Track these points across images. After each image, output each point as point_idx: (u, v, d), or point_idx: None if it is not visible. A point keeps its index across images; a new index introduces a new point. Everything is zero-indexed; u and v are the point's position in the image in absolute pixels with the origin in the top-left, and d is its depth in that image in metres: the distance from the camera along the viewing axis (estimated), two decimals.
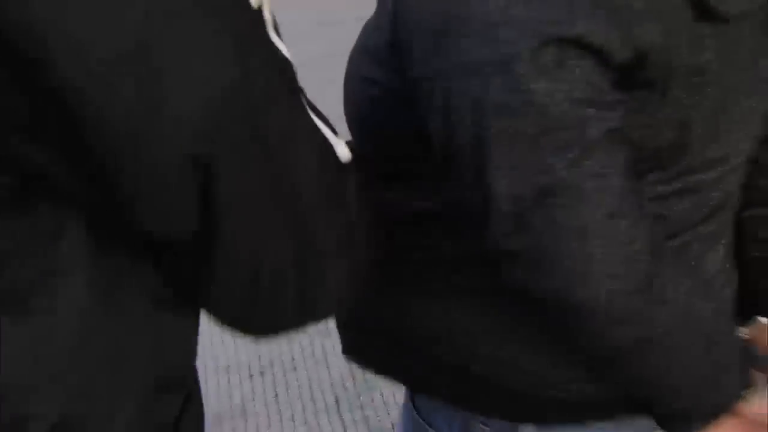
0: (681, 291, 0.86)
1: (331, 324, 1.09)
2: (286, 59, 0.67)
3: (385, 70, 0.93)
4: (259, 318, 0.73)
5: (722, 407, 0.92)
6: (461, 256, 0.96)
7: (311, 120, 0.68)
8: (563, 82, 0.78)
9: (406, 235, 0.98)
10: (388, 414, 2.59)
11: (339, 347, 3.08)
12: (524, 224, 0.81)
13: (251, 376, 2.82)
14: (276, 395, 2.72)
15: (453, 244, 0.96)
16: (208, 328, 0.81)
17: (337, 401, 2.66)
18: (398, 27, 0.88)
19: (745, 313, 1.02)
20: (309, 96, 0.73)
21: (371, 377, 2.99)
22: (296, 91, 0.67)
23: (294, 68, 0.68)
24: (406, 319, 1.02)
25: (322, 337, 2.86)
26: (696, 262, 0.94)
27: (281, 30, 0.70)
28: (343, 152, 0.71)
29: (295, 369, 2.81)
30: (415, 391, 1.09)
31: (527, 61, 0.77)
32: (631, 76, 0.81)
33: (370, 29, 0.99)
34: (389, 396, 2.63)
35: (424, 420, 1.07)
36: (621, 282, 0.82)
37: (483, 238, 0.86)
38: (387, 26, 0.91)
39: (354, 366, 2.99)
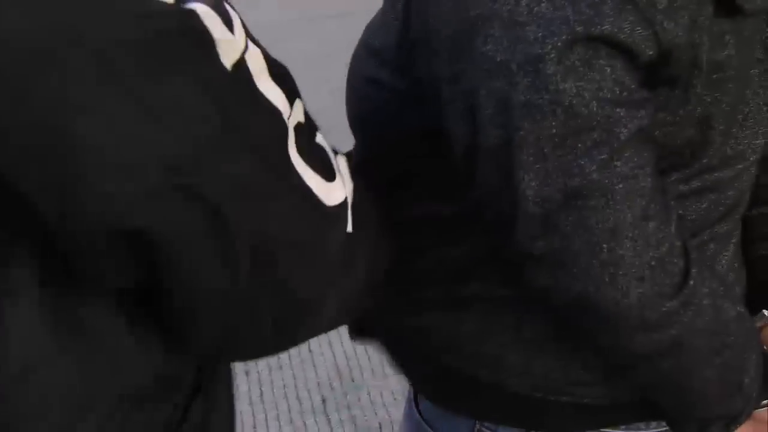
0: (709, 293, 0.86)
1: None
2: (273, 110, 0.65)
3: (390, 70, 0.91)
4: (231, 353, 0.75)
5: (743, 412, 0.92)
6: (466, 260, 0.94)
7: (293, 173, 0.66)
8: (592, 81, 0.76)
9: (409, 239, 0.96)
10: (376, 414, 2.57)
11: (326, 346, 3.05)
12: (552, 226, 0.80)
13: (236, 374, 2.80)
14: (261, 394, 2.70)
15: (458, 249, 0.94)
16: None
17: (323, 401, 2.64)
18: (411, 27, 0.87)
19: (750, 310, 1.01)
20: (303, 96, 0.70)
21: (358, 377, 2.98)
22: (280, 143, 0.65)
23: (285, 117, 0.66)
24: (411, 326, 1.00)
25: None
26: (710, 262, 0.94)
27: (279, 29, 0.67)
28: (335, 198, 0.69)
29: (281, 368, 2.79)
30: (419, 394, 1.07)
31: (555, 60, 0.76)
32: (656, 73, 0.80)
33: (374, 28, 0.97)
34: (376, 396, 2.61)
35: (428, 425, 1.05)
36: (651, 284, 0.81)
37: (501, 240, 0.85)
38: (396, 26, 0.89)
39: (341, 365, 2.95)
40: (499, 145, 0.79)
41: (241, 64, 0.62)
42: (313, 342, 2.82)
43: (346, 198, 0.71)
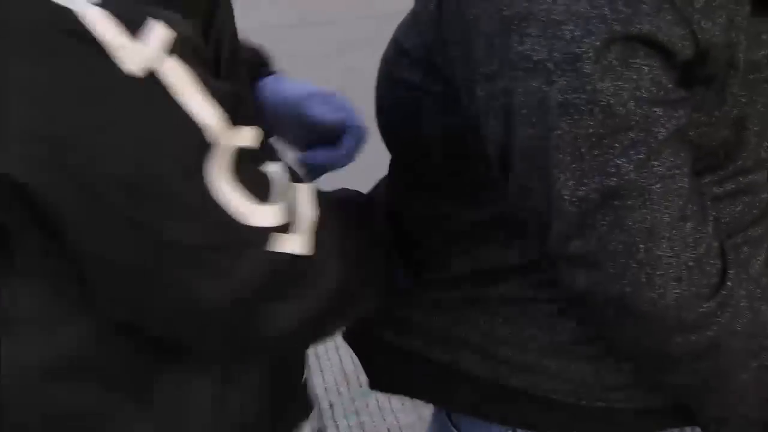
0: (746, 296, 0.85)
1: None
2: (192, 123, 0.69)
3: (420, 70, 0.91)
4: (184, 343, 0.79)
5: None
6: (496, 262, 0.94)
7: (203, 184, 0.70)
8: (629, 81, 0.76)
9: (438, 241, 0.95)
10: (384, 419, 2.55)
11: (332, 351, 3.01)
12: (589, 226, 0.79)
13: None
14: None
15: (489, 250, 0.94)
16: None
17: (331, 406, 2.62)
18: (444, 27, 0.86)
19: None
20: None
21: (366, 382, 2.96)
22: (194, 154, 0.70)
23: (212, 133, 0.70)
24: (438, 333, 0.99)
25: None
26: (743, 266, 0.92)
27: (278, 31, 0.69)
28: (261, 220, 0.73)
29: None
30: (449, 409, 1.06)
31: (592, 59, 0.75)
32: (692, 72, 0.79)
33: (405, 28, 0.96)
34: (384, 401, 2.60)
35: (458, 430, 1.04)
36: (688, 285, 0.80)
37: (536, 241, 0.84)
38: (428, 27, 0.89)
39: (348, 370, 2.92)
40: (535, 145, 0.79)
41: (152, 72, 0.68)
42: (320, 347, 2.81)
43: (286, 224, 0.74)
